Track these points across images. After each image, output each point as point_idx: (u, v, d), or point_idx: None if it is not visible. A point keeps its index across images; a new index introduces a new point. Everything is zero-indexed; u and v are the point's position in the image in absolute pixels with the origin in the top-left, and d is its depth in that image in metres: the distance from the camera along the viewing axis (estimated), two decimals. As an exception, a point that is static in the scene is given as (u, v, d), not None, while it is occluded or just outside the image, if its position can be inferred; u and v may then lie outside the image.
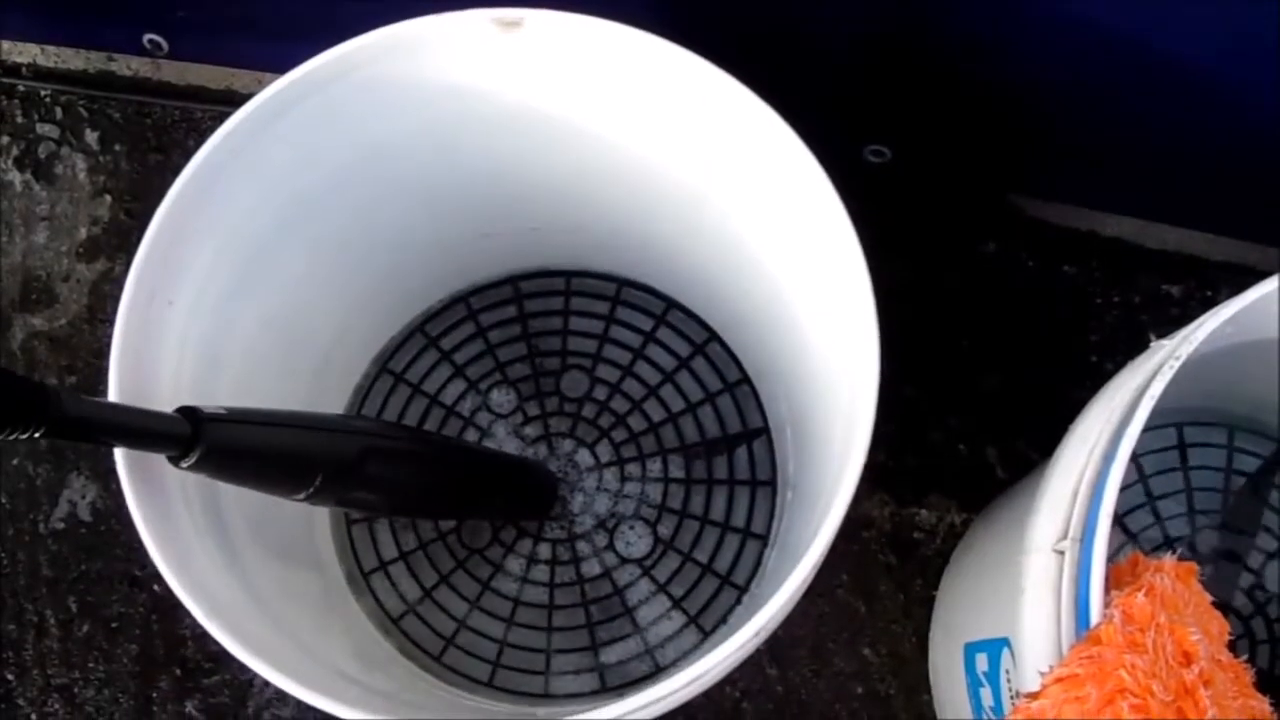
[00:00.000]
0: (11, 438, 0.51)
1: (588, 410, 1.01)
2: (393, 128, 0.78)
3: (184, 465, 0.60)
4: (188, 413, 0.60)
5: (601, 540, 0.97)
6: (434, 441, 0.78)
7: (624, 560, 0.97)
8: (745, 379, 1.00)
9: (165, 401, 0.70)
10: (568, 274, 1.04)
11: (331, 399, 0.97)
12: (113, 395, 0.66)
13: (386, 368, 1.02)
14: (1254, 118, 0.88)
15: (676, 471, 0.98)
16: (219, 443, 0.60)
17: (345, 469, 0.67)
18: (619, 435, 1.00)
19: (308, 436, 0.66)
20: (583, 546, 0.97)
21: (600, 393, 1.01)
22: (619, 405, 1.01)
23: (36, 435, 0.52)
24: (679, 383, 1.01)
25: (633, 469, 0.99)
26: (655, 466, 0.99)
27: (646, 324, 1.02)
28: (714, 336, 1.01)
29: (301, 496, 0.65)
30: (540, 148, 0.82)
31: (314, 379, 0.91)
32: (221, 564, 0.69)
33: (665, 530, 0.97)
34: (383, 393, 1.01)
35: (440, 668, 0.94)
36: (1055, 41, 0.86)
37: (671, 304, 1.02)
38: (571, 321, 1.03)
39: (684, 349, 1.01)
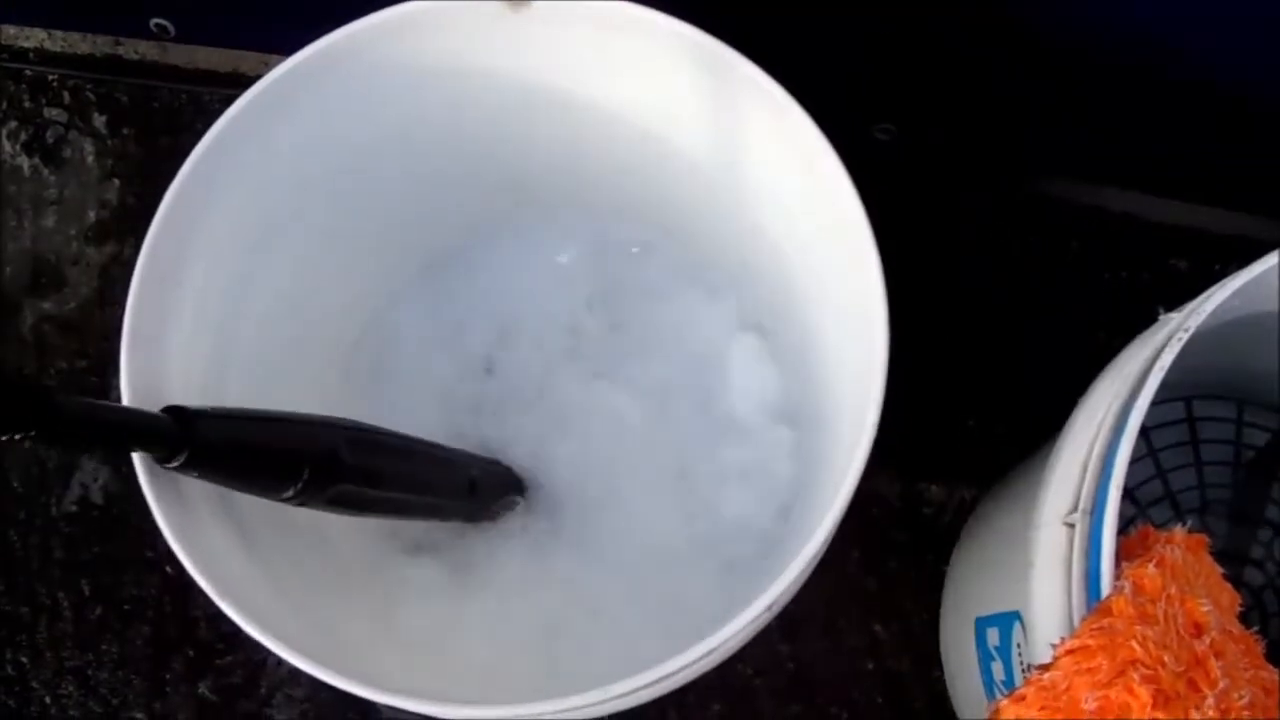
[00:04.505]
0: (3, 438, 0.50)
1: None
2: (403, 108, 0.78)
3: (172, 465, 0.59)
4: (174, 411, 0.59)
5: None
6: (408, 436, 0.76)
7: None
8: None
9: (178, 383, 0.70)
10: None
11: (343, 376, 0.97)
12: (124, 377, 0.67)
13: (397, 346, 1.01)
14: (1261, 89, 0.88)
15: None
16: (208, 438, 0.59)
17: (331, 459, 0.66)
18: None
19: (292, 428, 0.66)
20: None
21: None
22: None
23: (30, 438, 0.51)
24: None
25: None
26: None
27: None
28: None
29: (290, 493, 0.64)
30: (550, 127, 0.82)
31: (326, 359, 0.91)
32: (236, 545, 0.69)
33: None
34: (394, 372, 1.01)
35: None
36: (1060, 10, 0.86)
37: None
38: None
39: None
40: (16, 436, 0.50)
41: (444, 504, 0.82)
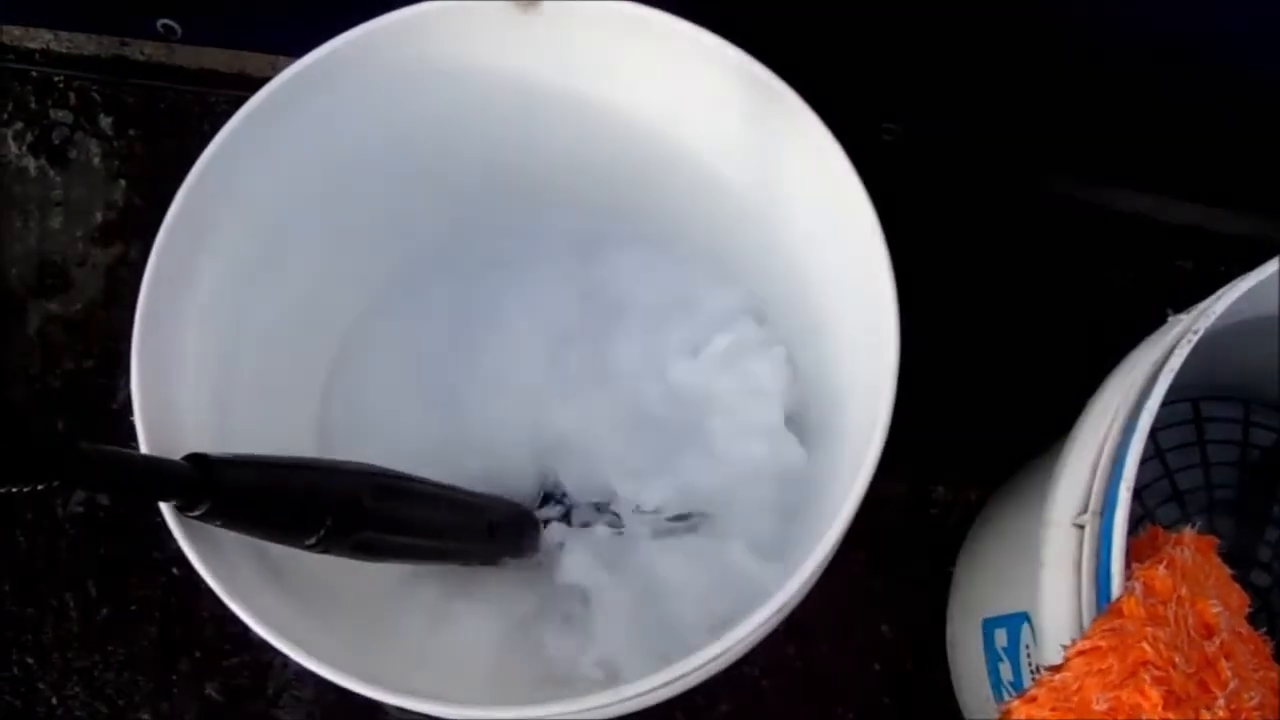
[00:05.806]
0: (25, 491, 0.49)
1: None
2: (412, 110, 0.78)
3: (194, 514, 0.58)
4: (196, 459, 0.59)
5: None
6: (430, 481, 0.76)
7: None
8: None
9: (188, 386, 0.70)
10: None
11: (347, 379, 0.97)
12: (135, 379, 0.66)
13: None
14: (1268, 90, 0.88)
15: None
16: (231, 487, 0.59)
17: (354, 507, 0.66)
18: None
19: (315, 476, 0.65)
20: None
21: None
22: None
23: (51, 487, 0.50)
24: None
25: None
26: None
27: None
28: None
29: (313, 541, 0.63)
30: (559, 128, 0.82)
31: (332, 361, 0.91)
32: (247, 550, 0.69)
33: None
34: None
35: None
36: (1066, 10, 0.86)
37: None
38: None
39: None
40: (40, 487, 0.49)
41: (465, 548, 0.82)
